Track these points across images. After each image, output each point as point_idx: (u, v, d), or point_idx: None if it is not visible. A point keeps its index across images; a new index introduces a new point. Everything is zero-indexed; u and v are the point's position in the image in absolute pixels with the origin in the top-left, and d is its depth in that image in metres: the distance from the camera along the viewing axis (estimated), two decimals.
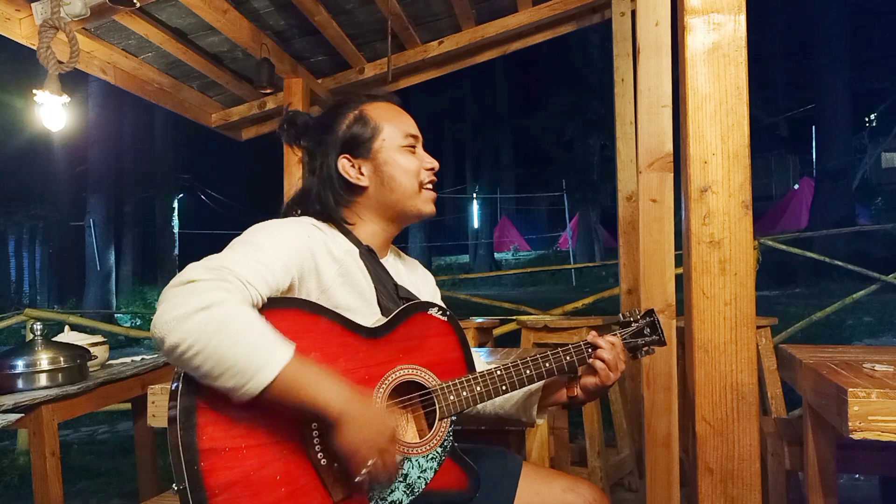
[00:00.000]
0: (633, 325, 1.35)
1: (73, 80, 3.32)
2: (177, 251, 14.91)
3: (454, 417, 1.20)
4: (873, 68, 14.91)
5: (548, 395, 1.37)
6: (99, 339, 2.28)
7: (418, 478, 1.13)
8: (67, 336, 2.21)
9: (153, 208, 15.40)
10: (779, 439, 1.84)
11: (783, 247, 5.28)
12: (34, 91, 2.51)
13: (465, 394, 1.20)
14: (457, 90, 18.18)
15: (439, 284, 1.53)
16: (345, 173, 1.28)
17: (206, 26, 3.06)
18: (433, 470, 1.15)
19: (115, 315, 11.31)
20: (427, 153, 1.34)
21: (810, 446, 1.52)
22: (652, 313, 1.36)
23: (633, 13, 3.15)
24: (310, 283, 1.16)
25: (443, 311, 1.25)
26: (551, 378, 1.32)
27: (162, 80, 3.52)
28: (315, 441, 1.04)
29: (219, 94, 3.93)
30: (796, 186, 17.39)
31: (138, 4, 2.45)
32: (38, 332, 2.01)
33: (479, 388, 1.21)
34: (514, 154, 18.89)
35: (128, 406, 2.65)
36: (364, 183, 1.28)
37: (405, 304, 1.24)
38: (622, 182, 3.30)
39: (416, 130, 1.33)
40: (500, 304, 5.97)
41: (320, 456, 1.04)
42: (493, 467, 1.31)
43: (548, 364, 1.27)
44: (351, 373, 1.11)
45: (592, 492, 1.33)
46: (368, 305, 1.22)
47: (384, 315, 1.21)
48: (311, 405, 0.97)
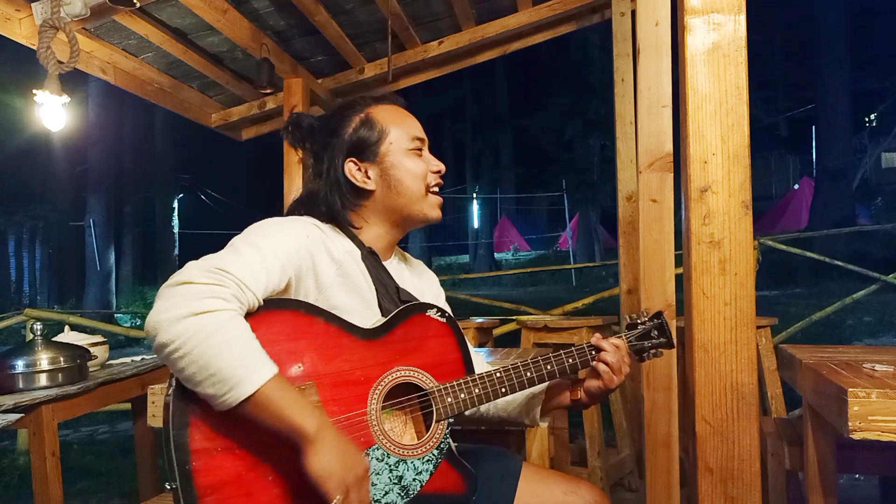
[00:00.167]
0: (640, 327, 1.33)
1: (73, 80, 3.32)
2: (177, 251, 14.93)
3: (451, 419, 1.19)
4: (873, 68, 14.89)
5: (551, 398, 1.36)
6: (99, 339, 2.28)
7: (413, 480, 1.13)
8: (67, 336, 2.21)
9: (153, 208, 15.42)
10: (779, 439, 1.84)
11: (783, 247, 5.29)
12: (34, 91, 2.51)
13: (462, 396, 1.19)
14: (457, 90, 18.20)
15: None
16: (351, 177, 1.27)
17: (206, 26, 3.06)
18: (429, 472, 1.15)
19: (115, 315, 11.31)
20: (433, 155, 1.33)
21: (810, 446, 1.52)
22: (660, 315, 1.34)
23: (633, 13, 3.15)
24: (308, 283, 1.16)
25: (441, 312, 1.24)
26: (554, 380, 1.31)
27: (162, 80, 3.52)
28: None
29: (219, 94, 3.93)
30: (796, 186, 17.40)
31: (138, 4, 2.45)
32: (38, 332, 2.01)
33: (477, 391, 1.21)
34: (514, 154, 18.89)
35: (128, 406, 2.66)
36: (371, 187, 1.27)
37: (404, 305, 1.23)
38: (622, 182, 3.30)
39: (423, 133, 1.33)
40: (500, 304, 5.96)
41: None
42: (492, 468, 1.31)
43: (549, 366, 1.25)
44: (347, 374, 1.10)
45: (593, 493, 1.32)
46: (368, 307, 1.22)
47: (385, 317, 1.21)
48: (287, 425, 0.97)
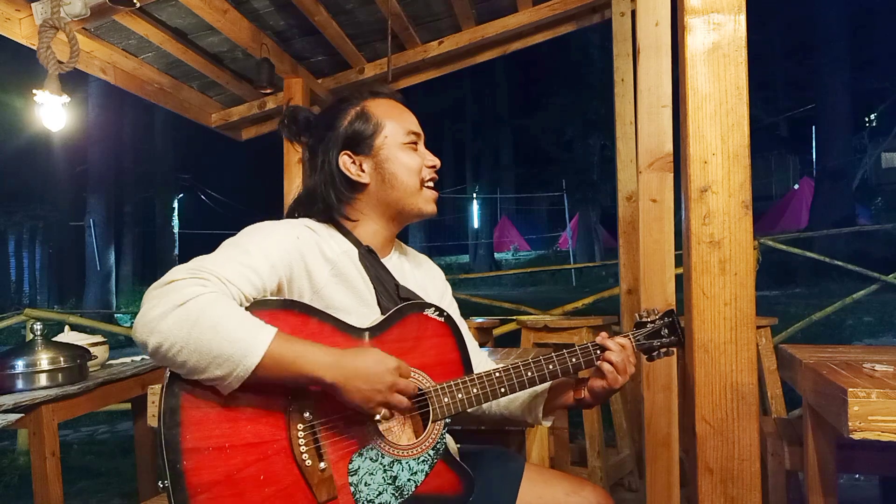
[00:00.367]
0: (649, 326, 1.31)
1: (73, 80, 3.32)
2: (177, 251, 14.93)
3: (448, 420, 1.18)
4: (873, 68, 14.88)
5: (554, 397, 1.34)
6: (99, 339, 2.28)
7: (408, 480, 1.12)
8: (67, 336, 2.21)
9: (153, 208, 15.43)
10: (779, 439, 1.84)
11: (783, 247, 5.29)
12: (34, 91, 2.51)
13: (460, 396, 1.18)
14: (457, 90, 18.19)
15: None
16: (345, 170, 1.27)
17: (206, 26, 3.06)
18: (424, 473, 1.14)
19: (115, 315, 11.31)
20: (429, 151, 1.33)
21: (810, 446, 1.52)
22: (672, 314, 1.33)
23: (633, 13, 3.15)
24: (301, 284, 1.15)
25: (440, 311, 1.23)
26: (557, 379, 1.29)
27: (162, 80, 3.52)
28: (300, 441, 1.04)
29: (219, 94, 3.93)
30: (796, 186, 17.39)
31: (138, 4, 2.45)
32: (38, 332, 2.01)
33: (475, 391, 1.19)
34: (514, 154, 18.89)
35: (128, 406, 2.66)
36: (365, 180, 1.27)
37: (401, 304, 1.22)
38: (622, 182, 3.30)
39: (419, 128, 1.33)
40: (500, 304, 5.96)
41: (305, 456, 1.03)
42: (494, 469, 1.30)
43: (551, 366, 1.24)
44: None
45: (596, 495, 1.30)
46: (366, 306, 1.21)
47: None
48: (304, 377, 0.99)
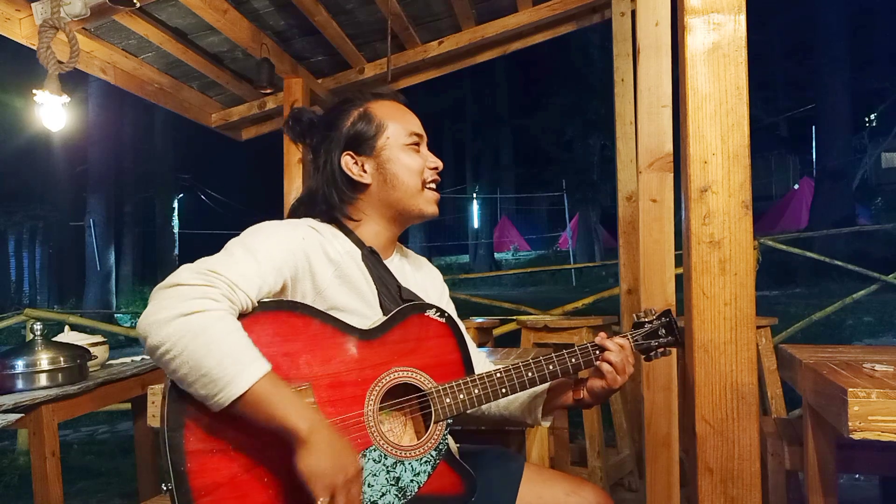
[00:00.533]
0: (647, 326, 1.32)
1: (73, 80, 3.32)
2: (177, 251, 14.92)
3: (450, 420, 1.19)
4: (873, 68, 14.87)
5: (554, 398, 1.34)
6: (99, 339, 2.28)
7: (411, 481, 1.12)
8: (67, 336, 2.21)
9: (153, 208, 15.42)
10: (779, 439, 1.84)
11: (783, 247, 5.29)
12: (34, 91, 2.51)
13: (461, 396, 1.18)
14: (457, 90, 18.18)
15: None
16: (347, 170, 1.27)
17: (206, 26, 3.06)
18: (426, 474, 1.14)
19: (115, 315, 11.31)
20: (432, 153, 1.34)
21: (810, 446, 1.52)
22: (668, 314, 1.33)
23: (633, 13, 3.15)
24: (304, 285, 1.16)
25: (441, 312, 1.23)
26: (557, 380, 1.29)
27: (162, 80, 3.52)
28: None
29: (219, 94, 3.93)
30: (796, 186, 17.39)
31: (138, 4, 2.45)
32: (38, 332, 2.01)
33: (476, 391, 1.19)
34: (514, 154, 18.89)
35: (128, 406, 2.66)
36: (367, 180, 1.27)
37: (402, 305, 1.22)
38: (622, 182, 3.30)
39: (421, 129, 1.33)
40: (500, 304, 5.96)
41: None
42: (494, 469, 1.30)
43: (551, 366, 1.24)
44: (343, 375, 1.10)
45: (596, 495, 1.30)
46: (369, 307, 1.21)
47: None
48: (280, 424, 0.96)
